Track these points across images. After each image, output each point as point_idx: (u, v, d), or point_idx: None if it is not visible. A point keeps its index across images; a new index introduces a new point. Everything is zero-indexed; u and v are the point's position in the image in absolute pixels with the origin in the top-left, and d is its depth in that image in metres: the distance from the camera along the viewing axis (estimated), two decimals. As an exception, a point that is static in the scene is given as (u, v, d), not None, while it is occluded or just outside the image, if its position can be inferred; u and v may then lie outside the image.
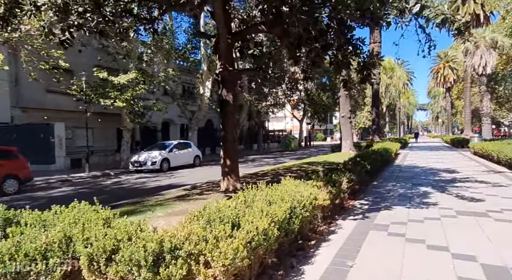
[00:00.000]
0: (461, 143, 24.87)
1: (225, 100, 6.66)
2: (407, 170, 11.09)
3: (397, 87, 45.63)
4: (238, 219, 2.63)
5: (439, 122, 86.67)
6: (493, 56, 26.23)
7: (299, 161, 16.61)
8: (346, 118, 18.62)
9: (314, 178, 5.04)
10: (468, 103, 35.42)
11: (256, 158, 23.81)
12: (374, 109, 30.63)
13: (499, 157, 11.04)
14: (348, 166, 6.86)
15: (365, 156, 9.13)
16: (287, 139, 33.70)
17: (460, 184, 7.60)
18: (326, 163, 12.84)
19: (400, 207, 5.45)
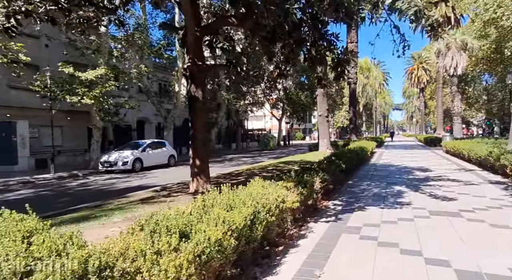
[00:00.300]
0: (434, 141, 25.53)
1: (194, 96, 6.29)
2: (382, 168, 11.09)
3: (373, 87, 46.55)
4: (190, 228, 2.29)
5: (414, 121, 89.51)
6: (463, 58, 27.13)
7: (277, 160, 16.42)
8: (324, 117, 18.61)
9: (285, 179, 4.77)
10: (440, 103, 36.56)
11: (234, 157, 23.44)
12: (351, 109, 31.00)
13: (470, 155, 11.25)
14: (322, 166, 6.65)
15: (341, 155, 8.99)
16: (266, 138, 33.53)
17: (433, 183, 7.58)
18: (302, 162, 12.68)
19: (374, 208, 5.29)
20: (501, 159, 7.97)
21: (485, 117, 52.60)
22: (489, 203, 5.30)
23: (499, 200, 5.51)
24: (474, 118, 57.20)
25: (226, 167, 15.77)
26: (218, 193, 3.40)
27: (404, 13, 5.40)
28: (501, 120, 52.48)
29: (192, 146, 6.60)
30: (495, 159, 8.42)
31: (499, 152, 8.31)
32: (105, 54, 16.07)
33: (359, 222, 4.45)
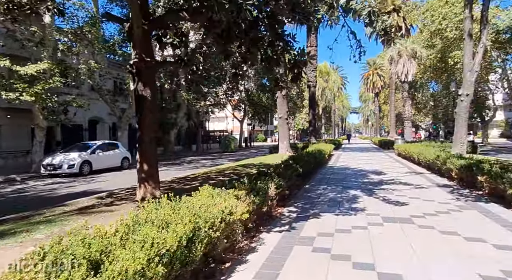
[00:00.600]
0: (387, 144, 26.78)
1: (142, 95, 5.76)
2: (339, 171, 11.22)
3: (332, 90, 48.07)
4: (107, 255, 1.88)
5: (369, 124, 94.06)
6: (413, 65, 28.80)
7: (236, 163, 16.10)
8: (283, 120, 18.63)
9: (237, 186, 4.45)
10: (393, 107, 38.56)
11: (194, 159, 22.73)
12: (311, 111, 31.62)
13: (420, 159, 11.78)
14: (278, 170, 6.44)
15: (298, 159, 8.89)
16: (227, 140, 33.08)
17: (387, 187, 7.72)
18: (261, 165, 12.47)
19: (329, 214, 5.15)
20: (447, 163, 8.34)
21: (432, 122, 56.58)
22: (438, 208, 5.41)
23: (446, 204, 5.65)
24: (422, 122, 61.29)
25: (184, 170, 15.16)
26: (158, 205, 2.99)
27: (358, 13, 5.35)
28: (445, 125, 56.81)
29: (139, 149, 6.05)
30: (442, 163, 8.81)
31: (445, 156, 8.71)
32: (50, 47, 14.68)
33: (313, 231, 4.26)
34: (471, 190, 6.92)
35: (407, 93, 32.67)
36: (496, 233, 4.02)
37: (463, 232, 4.06)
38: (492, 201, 5.81)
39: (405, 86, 31.90)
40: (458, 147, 15.86)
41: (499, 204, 5.56)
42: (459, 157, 8.16)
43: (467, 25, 14.84)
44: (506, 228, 4.19)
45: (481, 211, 5.12)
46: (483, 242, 3.68)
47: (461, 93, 15.39)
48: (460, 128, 15.75)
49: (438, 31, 25.63)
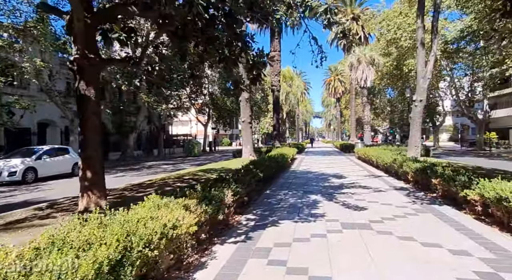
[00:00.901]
0: (348, 148, 27.58)
1: (84, 95, 5.19)
2: (301, 176, 11.17)
3: (295, 95, 48.90)
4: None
5: (331, 128, 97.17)
6: (371, 72, 30.05)
7: (198, 167, 15.58)
8: (247, 124, 18.41)
9: (189, 194, 4.08)
10: (353, 112, 39.97)
11: (154, 164, 21.76)
12: (275, 115, 31.77)
13: (378, 162, 12.08)
14: (236, 176, 6.13)
15: (259, 164, 8.65)
16: (190, 144, 32.21)
17: (347, 190, 7.71)
18: (223, 170, 12.10)
19: (288, 222, 4.93)
20: (403, 166, 8.54)
21: (389, 126, 59.57)
22: (395, 212, 5.40)
23: (403, 208, 5.68)
24: (380, 127, 64.37)
25: (141, 175, 14.35)
26: (83, 221, 2.55)
27: (315, 10, 5.23)
28: (401, 129, 60.10)
29: (82, 155, 5.45)
30: (399, 166, 9.03)
31: (401, 160, 8.93)
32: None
33: (270, 241, 4.00)
34: (426, 193, 7.09)
35: (366, 99, 34.02)
36: (451, 237, 4.01)
37: (420, 237, 4.01)
38: (445, 203, 5.94)
39: (365, 92, 33.21)
40: (413, 150, 16.59)
41: (452, 206, 5.69)
42: (415, 161, 8.39)
43: (419, 34, 15.63)
44: (460, 231, 4.21)
45: (436, 214, 5.18)
46: (439, 247, 3.63)
47: (415, 99, 16.15)
48: (415, 132, 16.50)
49: (394, 40, 26.93)
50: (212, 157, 29.81)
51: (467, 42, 22.95)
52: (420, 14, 15.38)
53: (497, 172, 10.23)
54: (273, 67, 31.25)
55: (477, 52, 23.23)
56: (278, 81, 31.43)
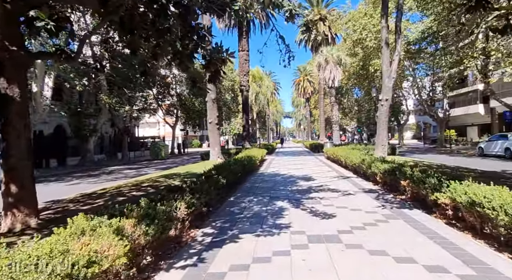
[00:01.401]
0: (317, 148, 27.65)
1: (6, 95, 4.35)
2: (269, 179, 10.71)
3: (265, 95, 48.72)
4: None
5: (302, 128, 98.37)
6: (339, 72, 30.39)
7: (162, 172, 14.70)
8: (214, 125, 17.72)
9: (127, 213, 3.42)
10: (322, 112, 40.39)
11: (116, 169, 20.48)
12: (244, 116, 31.29)
13: (346, 162, 11.90)
14: (193, 185, 5.50)
15: (223, 168, 8.06)
16: (157, 146, 30.91)
17: (315, 195, 7.32)
18: (187, 175, 11.38)
19: (249, 236, 4.39)
20: (371, 167, 8.32)
21: (357, 125, 61.12)
22: (365, 218, 5.04)
23: (373, 214, 5.34)
24: (348, 126, 65.86)
25: (99, 182, 13.24)
26: None
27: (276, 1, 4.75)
28: (368, 128, 61.90)
29: (5, 166, 4.58)
30: (367, 167, 8.81)
31: (370, 160, 8.72)
32: None
33: (226, 263, 3.43)
34: (395, 195, 6.85)
35: (335, 98, 34.41)
36: (425, 249, 3.66)
37: (392, 250, 3.62)
38: (415, 207, 5.69)
39: (333, 92, 33.56)
40: (380, 149, 16.73)
41: (422, 210, 5.43)
42: (383, 161, 8.19)
43: (383, 34, 15.77)
44: (434, 241, 3.88)
45: (407, 220, 4.87)
46: (414, 263, 3.25)
47: (381, 98, 16.29)
48: (382, 131, 16.64)
49: (359, 40, 27.36)
50: (180, 159, 28.78)
51: (428, 42, 23.74)
52: (384, 14, 15.51)
53: (461, 170, 10.36)
54: (241, 67, 30.73)
55: (437, 52, 24.08)
56: (247, 81, 30.96)
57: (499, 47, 15.27)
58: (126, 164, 24.89)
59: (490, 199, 3.55)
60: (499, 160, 17.18)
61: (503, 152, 18.22)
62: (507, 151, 17.99)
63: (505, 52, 15.23)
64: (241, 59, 30.17)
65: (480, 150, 20.47)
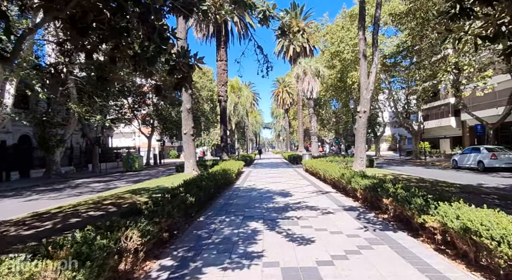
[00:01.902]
0: (295, 159, 27.34)
1: None
2: (245, 194, 10.07)
3: (244, 106, 48.36)
4: None
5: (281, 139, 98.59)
6: (317, 83, 30.49)
7: (133, 185, 13.74)
8: (189, 135, 16.95)
9: (52, 250, 2.69)
10: (301, 123, 40.38)
11: (84, 182, 19.24)
12: (222, 127, 30.63)
13: (325, 176, 11.48)
14: (154, 207, 4.79)
15: (193, 184, 7.37)
16: (130, 158, 29.54)
17: (292, 213, 6.75)
18: (157, 190, 10.55)
19: (214, 270, 3.74)
20: (351, 182, 7.89)
21: (335, 136, 61.79)
22: (347, 244, 4.51)
23: (355, 238, 4.81)
24: (327, 137, 66.54)
25: (60, 198, 12.12)
26: None
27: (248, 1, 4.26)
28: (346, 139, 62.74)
29: None
30: (347, 182, 8.38)
31: (350, 175, 8.30)
32: None
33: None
34: (376, 213, 6.42)
35: (313, 110, 34.47)
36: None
37: (380, 287, 3.09)
38: (399, 228, 5.24)
39: (311, 103, 33.62)
40: (358, 162, 16.52)
41: (407, 232, 4.98)
42: (363, 176, 7.78)
43: (361, 46, 15.76)
44: (426, 274, 3.39)
45: (393, 246, 4.37)
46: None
47: (359, 110, 16.17)
48: (360, 144, 16.47)
49: (337, 53, 27.64)
50: (155, 171, 27.62)
51: (403, 56, 24.23)
52: (362, 27, 15.54)
53: (441, 184, 10.16)
54: (219, 77, 30.23)
55: (411, 66, 24.60)
56: (225, 91, 30.46)
57: (471, 62, 15.63)
58: (97, 177, 23.53)
59: (488, 227, 3.11)
60: (473, 173, 17.42)
61: (476, 165, 18.55)
62: (479, 164, 18.31)
63: (477, 66, 15.60)
64: (219, 69, 29.72)
65: (454, 163, 20.79)
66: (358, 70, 28.45)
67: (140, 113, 36.26)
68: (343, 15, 29.12)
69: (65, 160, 29.15)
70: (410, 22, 21.09)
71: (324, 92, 34.73)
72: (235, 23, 28.38)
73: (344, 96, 32.46)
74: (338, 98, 34.63)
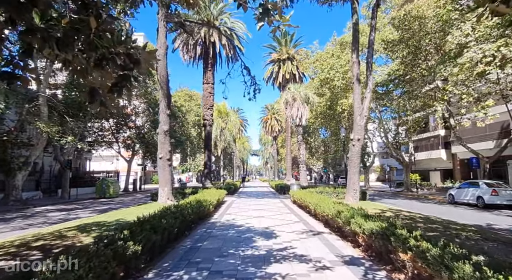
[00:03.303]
0: (283, 189, 25.60)
1: None
2: (220, 233, 8.29)
3: (231, 131, 46.98)
4: None
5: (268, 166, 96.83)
6: (306, 110, 29.55)
7: (94, 217, 11.77)
8: (165, 160, 15.17)
9: None
10: (289, 150, 39.04)
11: (44, 211, 17.07)
12: (206, 152, 28.93)
13: (317, 211, 9.83)
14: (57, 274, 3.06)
15: (147, 224, 5.62)
16: (104, 183, 27.14)
17: (275, 269, 5.02)
18: (113, 225, 8.62)
19: None
20: (351, 224, 6.28)
21: (323, 165, 60.59)
22: None
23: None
24: (315, 166, 65.28)
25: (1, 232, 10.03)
26: None
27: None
28: (334, 168, 61.54)
29: None
30: (345, 222, 6.77)
31: (348, 215, 6.69)
32: None
33: None
34: (389, 271, 4.78)
35: (302, 137, 33.27)
36: None
37: None
38: (429, 302, 3.62)
39: (300, 130, 32.47)
40: (351, 194, 14.97)
41: (444, 311, 3.36)
42: (365, 216, 6.19)
43: (355, 70, 14.78)
44: None
45: None
46: None
47: (352, 137, 14.87)
48: (353, 175, 15.01)
49: (327, 80, 27.01)
50: (130, 199, 25.35)
51: (395, 85, 23.59)
52: (355, 49, 14.64)
53: (453, 226, 8.63)
54: (205, 100, 28.97)
55: (403, 97, 23.92)
56: (211, 115, 29.11)
57: (469, 91, 14.79)
58: (63, 204, 21.19)
59: None
60: (473, 209, 16.09)
61: (475, 201, 17.25)
62: (479, 200, 17.02)
63: (476, 96, 14.77)
64: (205, 91, 28.53)
65: (451, 197, 19.47)
66: (348, 97, 27.80)
67: (121, 135, 34.35)
68: (333, 42, 28.89)
69: (31, 185, 26.61)
70: (402, 51, 20.58)
71: (314, 120, 33.85)
72: (223, 46, 27.60)
73: (333, 124, 31.56)
74: (328, 126, 33.73)
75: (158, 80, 14.57)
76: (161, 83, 14.43)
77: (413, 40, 19.65)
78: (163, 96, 14.82)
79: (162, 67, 14.46)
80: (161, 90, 14.82)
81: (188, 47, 27.73)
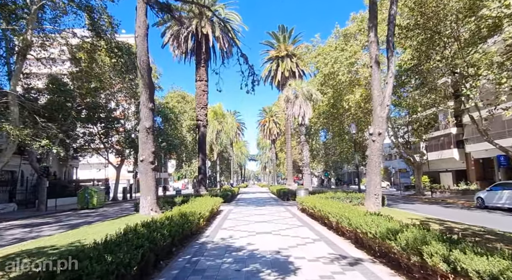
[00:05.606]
0: (286, 195, 23.02)
1: None
2: (210, 262, 5.71)
3: (228, 134, 44.40)
4: None
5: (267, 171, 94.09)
6: (309, 107, 27.15)
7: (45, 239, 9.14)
8: (147, 163, 12.58)
9: None
10: (290, 153, 36.58)
11: (10, 225, 14.55)
12: (200, 156, 26.31)
13: (341, 224, 7.25)
14: None
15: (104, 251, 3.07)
16: (87, 192, 24.35)
17: None
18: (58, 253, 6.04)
19: None
20: (424, 251, 3.73)
21: (324, 169, 58.10)
22: None
23: None
24: (315, 169, 62.69)
25: None
26: None
27: None
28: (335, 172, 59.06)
29: None
30: (409, 251, 4.20)
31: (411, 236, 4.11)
32: None
33: None
34: None
35: (305, 137, 30.70)
36: None
37: None
38: None
39: (302, 130, 29.89)
40: (372, 200, 12.39)
41: None
42: (450, 242, 3.66)
43: (373, 51, 12.32)
44: None
45: None
46: None
47: (372, 131, 12.37)
48: (374, 176, 12.45)
49: (331, 74, 24.69)
50: (115, 209, 22.61)
51: (408, 76, 21.26)
52: (373, 26, 12.23)
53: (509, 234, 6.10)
54: (198, 98, 26.44)
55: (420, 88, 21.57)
56: (205, 115, 26.56)
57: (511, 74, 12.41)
58: (36, 217, 18.51)
59: None
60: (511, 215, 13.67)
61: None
62: (518, 203, 14.60)
63: None
64: (198, 89, 26.01)
65: (480, 201, 17.00)
66: (354, 93, 25.50)
67: (109, 140, 31.77)
68: (336, 34, 26.55)
69: (4, 196, 23.89)
70: (417, 37, 18.25)
71: (316, 120, 31.42)
72: (217, 38, 25.16)
73: (337, 124, 29.15)
74: (330, 126, 31.29)
75: (138, 66, 12.02)
76: (141, 69, 11.89)
77: (430, 24, 17.33)
78: (144, 86, 12.27)
79: (142, 50, 11.95)
80: (142, 79, 12.28)
81: (178, 41, 25.25)
